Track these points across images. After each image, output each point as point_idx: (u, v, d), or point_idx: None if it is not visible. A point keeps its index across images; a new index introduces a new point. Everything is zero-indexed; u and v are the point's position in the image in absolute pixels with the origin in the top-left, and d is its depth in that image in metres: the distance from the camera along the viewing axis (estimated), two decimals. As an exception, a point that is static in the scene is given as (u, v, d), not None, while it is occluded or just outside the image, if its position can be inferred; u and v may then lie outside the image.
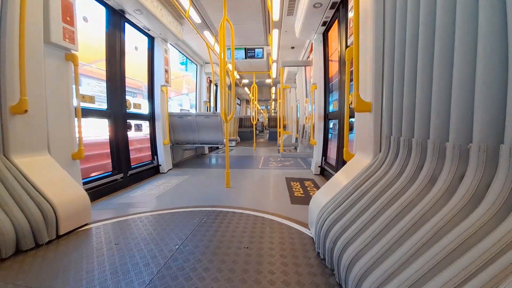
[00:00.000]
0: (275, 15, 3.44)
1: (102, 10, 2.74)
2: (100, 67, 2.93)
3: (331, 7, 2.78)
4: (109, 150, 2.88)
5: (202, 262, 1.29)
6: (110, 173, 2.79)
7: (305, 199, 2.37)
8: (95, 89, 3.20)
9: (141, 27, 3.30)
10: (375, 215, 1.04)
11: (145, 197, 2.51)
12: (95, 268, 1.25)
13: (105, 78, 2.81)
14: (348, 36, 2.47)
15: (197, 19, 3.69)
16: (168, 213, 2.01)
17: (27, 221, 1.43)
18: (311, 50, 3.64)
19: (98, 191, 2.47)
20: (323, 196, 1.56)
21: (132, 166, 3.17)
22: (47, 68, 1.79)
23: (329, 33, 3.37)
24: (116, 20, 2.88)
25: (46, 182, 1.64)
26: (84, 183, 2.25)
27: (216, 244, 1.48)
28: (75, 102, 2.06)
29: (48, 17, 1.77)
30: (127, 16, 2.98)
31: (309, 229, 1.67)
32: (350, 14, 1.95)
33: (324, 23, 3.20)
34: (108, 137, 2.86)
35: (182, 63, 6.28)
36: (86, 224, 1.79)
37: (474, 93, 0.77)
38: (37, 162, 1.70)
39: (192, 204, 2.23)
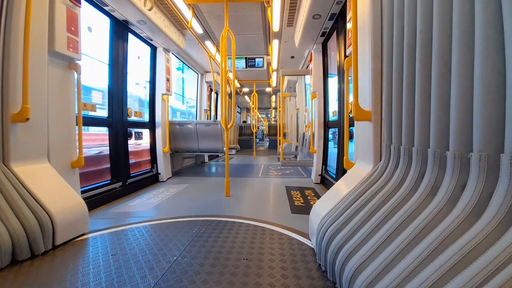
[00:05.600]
0: (275, 26, 3.52)
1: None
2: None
3: (330, 18, 2.85)
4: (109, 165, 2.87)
5: (200, 274, 1.26)
6: (109, 181, 2.77)
7: (306, 209, 2.34)
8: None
9: (144, 37, 3.37)
10: (377, 225, 1.02)
11: (143, 206, 2.48)
12: (90, 280, 1.21)
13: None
14: (346, 46, 2.52)
15: (199, 30, 3.77)
16: (166, 223, 1.98)
17: (23, 231, 1.40)
18: (311, 59, 3.69)
19: (96, 200, 2.44)
20: (324, 205, 1.54)
21: (131, 174, 3.15)
22: (50, 77, 1.81)
23: (328, 43, 3.43)
24: (120, 30, 2.95)
25: (44, 191, 1.62)
26: (83, 192, 2.23)
27: (214, 255, 1.45)
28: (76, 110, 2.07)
29: (53, 26, 1.80)
30: (130, 26, 3.05)
31: (310, 240, 1.64)
32: (349, 25, 2.00)
33: (323, 34, 3.27)
34: (108, 146, 2.86)
35: (178, 69, 6.36)
36: (83, 234, 1.76)
37: (473, 102, 0.77)
38: (36, 170, 1.69)
39: (191, 214, 2.20)
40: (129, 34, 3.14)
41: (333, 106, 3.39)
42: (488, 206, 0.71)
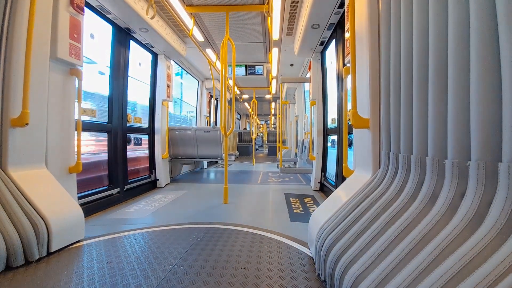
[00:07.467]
0: (275, 35, 3.58)
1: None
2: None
3: (328, 28, 2.90)
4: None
5: (197, 283, 1.23)
6: (106, 187, 2.75)
7: (305, 216, 2.32)
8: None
9: (145, 44, 3.42)
10: (376, 234, 1.01)
11: (140, 213, 2.45)
12: (84, 288, 1.19)
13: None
14: (345, 55, 2.56)
15: (200, 38, 3.83)
16: (163, 230, 1.95)
17: (18, 237, 1.38)
18: (310, 67, 3.74)
19: (93, 206, 2.41)
20: (323, 213, 1.53)
21: (129, 181, 3.13)
22: (51, 82, 1.82)
23: (327, 51, 3.48)
24: (122, 37, 2.99)
25: (41, 196, 1.60)
26: (79, 198, 2.20)
27: (212, 264, 1.42)
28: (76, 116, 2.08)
29: (56, 33, 1.82)
30: (132, 33, 3.09)
31: (309, 248, 1.62)
32: (347, 35, 2.03)
33: (321, 43, 3.32)
34: (106, 152, 2.85)
35: (177, 74, 6.42)
36: (79, 241, 1.73)
37: (470, 110, 0.78)
38: (34, 175, 1.68)
39: (188, 221, 2.18)
40: (131, 41, 3.18)
41: (332, 113, 3.41)
42: (488, 215, 0.71)
